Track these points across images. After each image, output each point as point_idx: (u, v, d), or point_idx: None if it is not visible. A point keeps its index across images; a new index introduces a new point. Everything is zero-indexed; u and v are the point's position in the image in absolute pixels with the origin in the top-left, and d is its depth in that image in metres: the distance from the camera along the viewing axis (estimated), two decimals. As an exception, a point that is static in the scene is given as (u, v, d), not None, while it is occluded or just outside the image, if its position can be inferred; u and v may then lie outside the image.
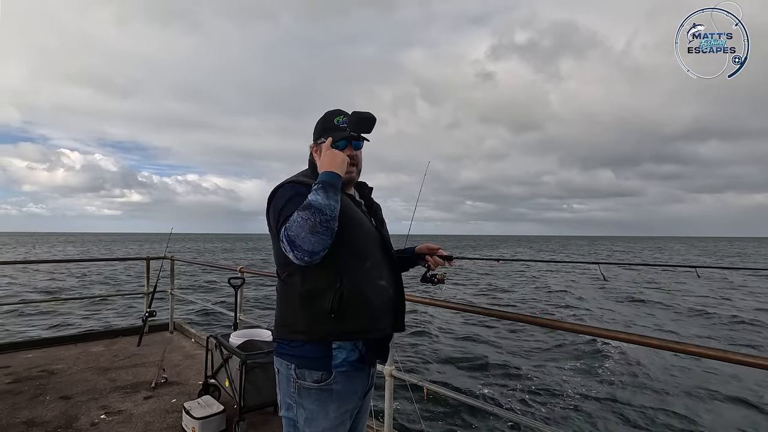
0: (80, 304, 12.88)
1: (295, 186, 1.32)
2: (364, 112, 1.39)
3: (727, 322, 12.52)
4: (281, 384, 1.37)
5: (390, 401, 2.41)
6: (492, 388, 6.83)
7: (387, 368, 2.37)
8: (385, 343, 1.43)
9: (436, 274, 1.62)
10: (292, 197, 1.28)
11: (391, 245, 1.51)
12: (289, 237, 1.16)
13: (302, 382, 1.30)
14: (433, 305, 2.46)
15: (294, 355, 1.32)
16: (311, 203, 1.18)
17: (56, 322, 10.96)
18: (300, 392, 1.31)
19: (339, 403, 1.32)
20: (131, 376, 3.60)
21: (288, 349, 1.34)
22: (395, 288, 1.44)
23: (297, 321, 1.32)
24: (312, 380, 1.30)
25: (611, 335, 1.69)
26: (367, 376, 1.43)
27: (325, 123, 1.47)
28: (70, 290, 17.63)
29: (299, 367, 1.31)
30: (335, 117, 1.45)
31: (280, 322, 1.38)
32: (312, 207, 1.17)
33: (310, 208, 1.17)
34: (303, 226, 1.15)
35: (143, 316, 4.64)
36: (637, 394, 6.75)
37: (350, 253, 1.32)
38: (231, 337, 3.04)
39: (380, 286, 1.37)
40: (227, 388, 2.84)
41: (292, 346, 1.32)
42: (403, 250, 1.68)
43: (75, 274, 23.02)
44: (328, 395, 1.30)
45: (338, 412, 1.32)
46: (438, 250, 1.63)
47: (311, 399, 1.30)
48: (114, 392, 3.27)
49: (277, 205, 1.30)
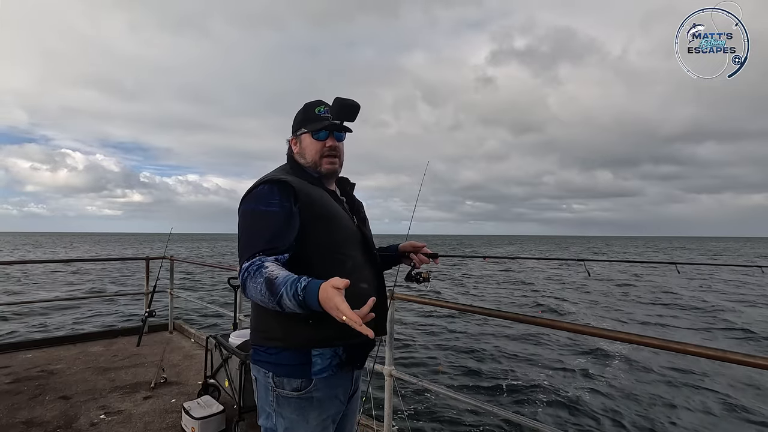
0: (79, 304, 12.87)
1: (273, 188, 1.24)
2: (347, 98, 1.33)
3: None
4: (259, 392, 1.32)
5: (389, 401, 2.41)
6: (492, 388, 6.82)
7: (386, 368, 2.37)
8: (367, 347, 1.37)
9: (421, 272, 1.59)
10: (263, 215, 1.21)
11: (374, 245, 1.45)
12: (244, 284, 1.14)
13: (281, 390, 1.26)
14: (433, 305, 2.46)
15: (271, 363, 1.27)
16: (280, 298, 1.04)
17: (55, 322, 10.96)
18: (279, 401, 1.26)
19: (320, 411, 1.28)
20: (131, 376, 3.60)
21: (265, 356, 1.28)
22: (377, 291, 1.37)
23: (273, 327, 1.26)
24: (291, 388, 1.25)
25: (611, 335, 1.68)
26: (350, 380, 1.38)
27: (305, 113, 1.40)
28: (68, 290, 17.62)
29: (277, 375, 1.26)
30: (316, 107, 1.39)
31: (256, 327, 1.33)
32: (275, 296, 1.05)
33: (273, 296, 1.05)
34: (256, 295, 1.09)
35: (143, 316, 4.63)
36: (636, 394, 6.74)
37: (330, 254, 1.28)
38: (230, 337, 3.04)
39: (361, 289, 1.29)
40: (227, 388, 2.84)
41: (269, 353, 1.27)
42: (386, 248, 1.63)
43: (73, 273, 23.01)
44: (308, 403, 1.26)
45: (319, 419, 1.28)
46: (423, 247, 1.60)
47: (291, 408, 1.26)
48: (113, 392, 3.27)
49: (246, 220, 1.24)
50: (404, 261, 1.64)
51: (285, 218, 1.22)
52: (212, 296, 15.23)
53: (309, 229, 1.25)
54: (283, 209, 1.22)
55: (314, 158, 1.38)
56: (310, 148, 1.39)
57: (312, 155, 1.38)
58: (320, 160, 1.38)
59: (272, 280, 1.06)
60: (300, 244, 1.23)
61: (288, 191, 1.24)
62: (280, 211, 1.22)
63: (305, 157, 1.40)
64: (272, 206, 1.22)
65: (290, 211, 1.23)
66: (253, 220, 1.23)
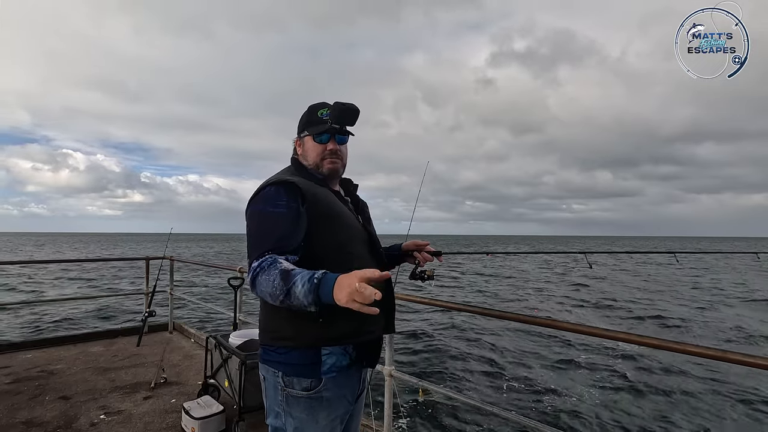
0: (79, 304, 12.89)
1: (280, 189, 1.25)
2: (347, 103, 1.36)
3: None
4: (268, 391, 1.33)
5: (390, 401, 2.41)
6: (492, 388, 6.83)
7: (386, 368, 2.37)
8: (377, 346, 1.39)
9: (425, 270, 1.61)
10: (271, 216, 1.22)
11: (380, 244, 1.48)
12: (254, 279, 1.13)
13: (290, 390, 1.27)
14: (432, 305, 2.46)
15: (281, 362, 1.28)
16: (292, 286, 1.03)
17: (56, 322, 10.97)
18: (288, 401, 1.27)
19: (329, 411, 1.29)
20: (131, 377, 3.60)
21: (274, 355, 1.29)
22: (385, 289, 1.37)
23: (283, 326, 1.27)
24: (301, 388, 1.26)
25: (611, 335, 1.68)
26: (358, 380, 1.39)
27: (309, 116, 1.43)
28: (68, 290, 17.64)
29: (287, 374, 1.27)
30: (319, 110, 1.42)
31: (265, 327, 1.34)
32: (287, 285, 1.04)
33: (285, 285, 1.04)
34: (267, 288, 1.08)
35: (143, 316, 4.64)
36: (636, 394, 6.75)
37: (337, 254, 1.29)
38: (230, 337, 3.05)
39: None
40: (227, 388, 2.84)
41: (279, 353, 1.28)
42: (389, 247, 1.65)
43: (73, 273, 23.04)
44: (318, 403, 1.27)
45: (328, 419, 1.29)
46: (426, 245, 1.62)
47: (300, 407, 1.27)
48: (113, 392, 3.27)
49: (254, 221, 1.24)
50: (407, 259, 1.66)
51: (293, 219, 1.23)
52: (212, 296, 15.25)
53: (316, 229, 1.27)
54: (290, 210, 1.23)
55: (315, 160, 1.41)
56: (311, 150, 1.42)
57: (313, 157, 1.41)
58: (321, 162, 1.41)
59: (288, 271, 1.07)
60: (307, 243, 1.24)
61: (295, 192, 1.25)
62: (288, 212, 1.23)
63: (307, 159, 1.43)
64: (280, 207, 1.23)
65: (297, 211, 1.24)
66: (261, 222, 1.23)
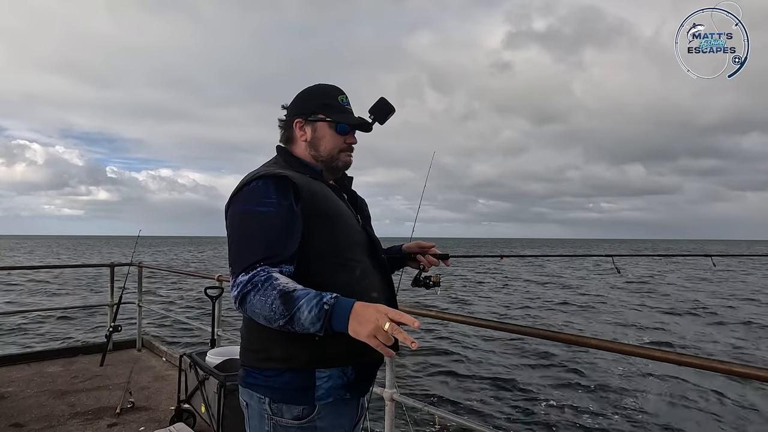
0: (34, 318, 12.79)
1: (269, 184, 1.17)
2: (389, 103, 1.38)
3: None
4: (252, 420, 1.24)
5: (391, 429, 2.38)
6: (505, 412, 6.83)
7: (387, 391, 2.34)
8: (376, 367, 1.33)
9: (430, 276, 1.55)
10: (258, 216, 1.14)
11: (381, 246, 1.42)
12: (244, 298, 1.05)
13: (279, 419, 1.18)
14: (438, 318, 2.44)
15: (268, 387, 1.19)
16: (296, 311, 0.98)
17: (7, 340, 10.88)
18: (276, 431, 1.20)
19: None
20: (93, 401, 3.57)
21: (260, 378, 1.21)
22: (387, 298, 1.33)
23: (271, 345, 1.19)
24: (291, 416, 1.18)
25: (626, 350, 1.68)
26: (356, 407, 1.32)
27: (325, 98, 1.37)
28: (21, 302, 17.51)
29: (275, 401, 1.18)
30: (339, 95, 1.37)
31: (249, 346, 1.26)
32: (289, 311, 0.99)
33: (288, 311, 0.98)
34: (263, 311, 1.01)
35: (107, 331, 4.61)
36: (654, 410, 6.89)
37: (336, 260, 1.23)
38: (208, 355, 3.03)
39: (371, 298, 1.20)
40: (203, 414, 2.82)
41: (266, 376, 1.20)
42: (389, 249, 1.59)
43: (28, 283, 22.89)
44: None
45: None
46: (431, 248, 1.57)
47: None
48: (73, 419, 3.24)
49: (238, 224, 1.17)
50: (410, 264, 1.61)
51: (285, 220, 1.14)
52: (187, 308, 15.20)
53: (312, 231, 1.19)
54: (282, 209, 1.14)
55: (331, 152, 1.36)
56: (328, 139, 1.35)
57: (329, 148, 1.36)
58: (338, 155, 1.37)
59: (290, 293, 1.00)
60: (302, 248, 1.17)
61: (287, 188, 1.17)
62: (279, 212, 1.14)
63: (318, 148, 1.36)
64: (268, 206, 1.14)
65: (291, 211, 1.16)
66: (247, 224, 1.15)
